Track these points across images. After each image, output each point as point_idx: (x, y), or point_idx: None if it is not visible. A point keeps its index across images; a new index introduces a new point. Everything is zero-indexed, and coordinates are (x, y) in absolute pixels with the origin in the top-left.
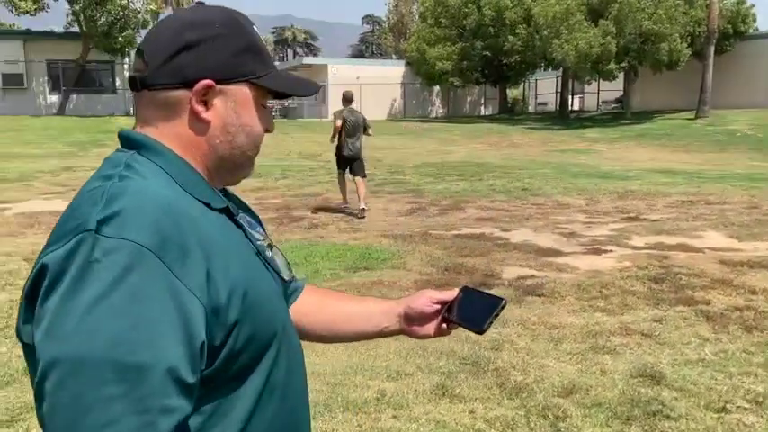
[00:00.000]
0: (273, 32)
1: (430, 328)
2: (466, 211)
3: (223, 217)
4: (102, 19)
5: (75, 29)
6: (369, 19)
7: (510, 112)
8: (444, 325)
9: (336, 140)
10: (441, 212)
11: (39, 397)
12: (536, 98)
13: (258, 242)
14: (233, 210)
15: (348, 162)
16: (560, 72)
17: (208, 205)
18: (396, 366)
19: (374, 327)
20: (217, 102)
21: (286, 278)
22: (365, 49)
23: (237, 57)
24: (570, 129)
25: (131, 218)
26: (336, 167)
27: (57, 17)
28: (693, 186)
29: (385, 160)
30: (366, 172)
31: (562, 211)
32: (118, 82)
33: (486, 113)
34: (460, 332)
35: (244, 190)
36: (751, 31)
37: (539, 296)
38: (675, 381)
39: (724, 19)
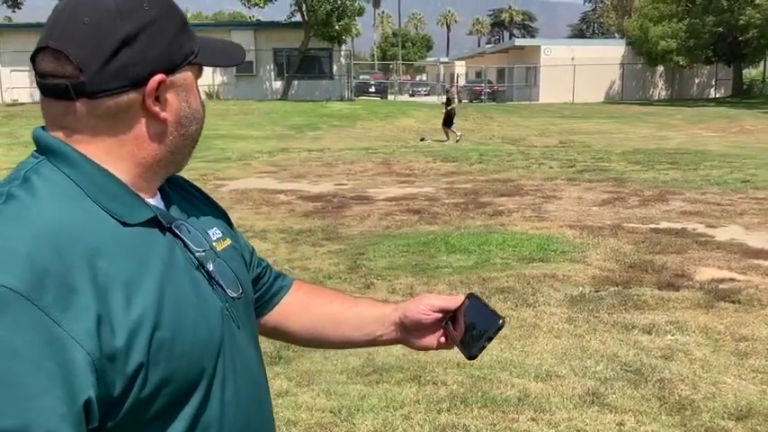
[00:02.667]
0: (490, 15)
1: (431, 339)
2: (670, 204)
3: (145, 231)
4: (322, 8)
5: (298, 18)
6: None
7: (745, 95)
8: (443, 338)
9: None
10: (641, 203)
11: None
12: None
13: (198, 253)
14: (165, 219)
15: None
16: None
17: (123, 222)
18: (547, 366)
19: (365, 335)
20: (170, 96)
21: (232, 295)
22: (586, 29)
23: (177, 38)
24: None
25: (1, 254)
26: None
27: (282, 8)
28: None
29: (593, 146)
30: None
31: None
32: (335, 68)
33: (717, 96)
34: (629, 334)
35: (436, 174)
36: None
37: (733, 302)
38: None
39: None
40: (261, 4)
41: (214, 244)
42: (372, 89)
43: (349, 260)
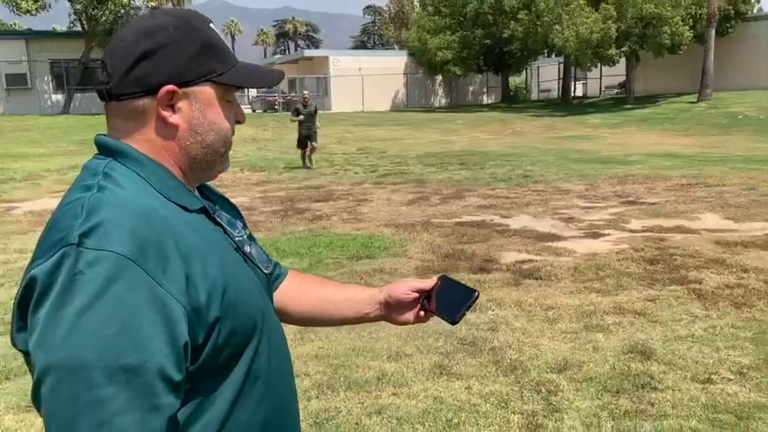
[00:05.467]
0: (275, 25)
1: (409, 315)
2: (467, 200)
3: (201, 217)
4: (104, 18)
5: (79, 28)
6: (370, 9)
7: (512, 100)
8: (422, 313)
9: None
10: (442, 201)
11: (37, 401)
12: (539, 85)
13: (237, 238)
14: (210, 209)
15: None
16: (562, 58)
17: (185, 208)
18: (396, 348)
19: (355, 313)
20: (182, 105)
21: (265, 271)
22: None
23: (196, 58)
24: (573, 115)
25: (111, 229)
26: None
27: (61, 17)
28: (694, 169)
29: (389, 151)
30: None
31: (562, 196)
32: None
33: (489, 102)
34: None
35: (246, 184)
36: (752, 12)
37: (536, 279)
38: (665, 355)
39: (724, 0)
40: (33, 12)
41: (243, 232)
42: None
43: None
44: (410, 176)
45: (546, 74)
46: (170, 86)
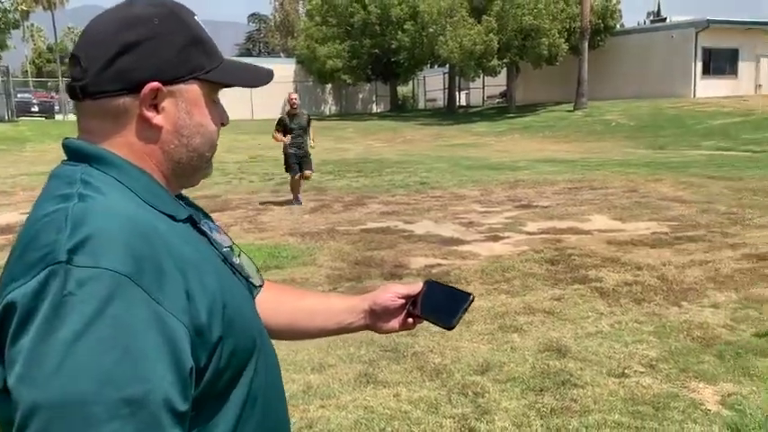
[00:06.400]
0: None
1: (395, 323)
2: (369, 207)
3: (187, 227)
4: None
5: None
6: (255, 17)
7: (401, 109)
8: (410, 320)
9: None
10: (345, 209)
11: None
12: (425, 95)
13: (224, 248)
14: (196, 218)
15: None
16: (447, 69)
17: (172, 217)
18: (318, 359)
19: (337, 323)
20: (167, 104)
21: (256, 283)
22: (252, 48)
23: (182, 53)
24: (459, 123)
25: (103, 243)
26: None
27: None
28: (577, 174)
29: (282, 159)
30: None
31: (459, 202)
32: None
33: (378, 110)
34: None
35: None
36: (618, 26)
37: (447, 283)
38: (579, 352)
39: (595, 15)
40: None
41: (229, 242)
42: (36, 108)
43: None
44: (308, 184)
45: (432, 84)
46: (154, 84)
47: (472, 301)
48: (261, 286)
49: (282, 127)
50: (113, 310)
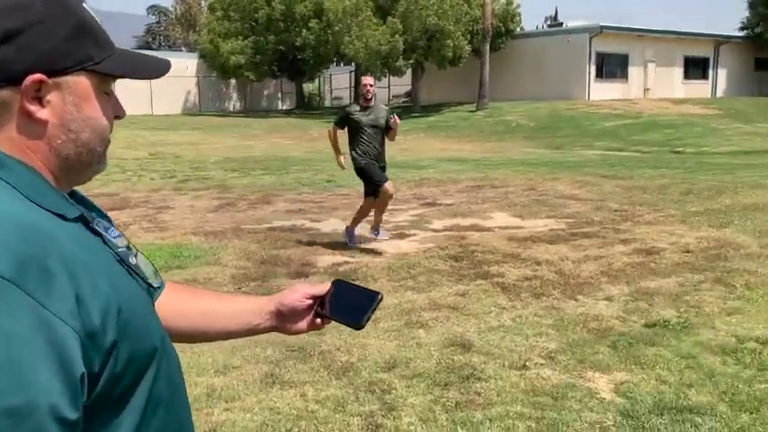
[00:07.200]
0: None
1: (303, 324)
2: (275, 205)
3: (79, 226)
4: None
5: None
6: (154, 9)
7: (307, 107)
8: (318, 320)
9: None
10: (250, 207)
11: None
12: (331, 92)
13: (119, 249)
14: (88, 217)
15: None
16: (353, 67)
17: (62, 217)
18: (222, 361)
19: (241, 325)
20: (52, 97)
21: (155, 285)
22: (152, 41)
23: (69, 42)
24: None
25: None
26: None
27: None
28: (480, 172)
29: (184, 156)
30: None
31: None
32: None
33: (284, 107)
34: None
35: None
36: (518, 30)
37: (354, 280)
38: (482, 346)
39: (496, 18)
40: None
41: (124, 242)
42: None
43: None
44: (212, 182)
45: (338, 81)
46: (37, 75)
47: (381, 300)
48: (160, 288)
49: (343, 121)
50: None
